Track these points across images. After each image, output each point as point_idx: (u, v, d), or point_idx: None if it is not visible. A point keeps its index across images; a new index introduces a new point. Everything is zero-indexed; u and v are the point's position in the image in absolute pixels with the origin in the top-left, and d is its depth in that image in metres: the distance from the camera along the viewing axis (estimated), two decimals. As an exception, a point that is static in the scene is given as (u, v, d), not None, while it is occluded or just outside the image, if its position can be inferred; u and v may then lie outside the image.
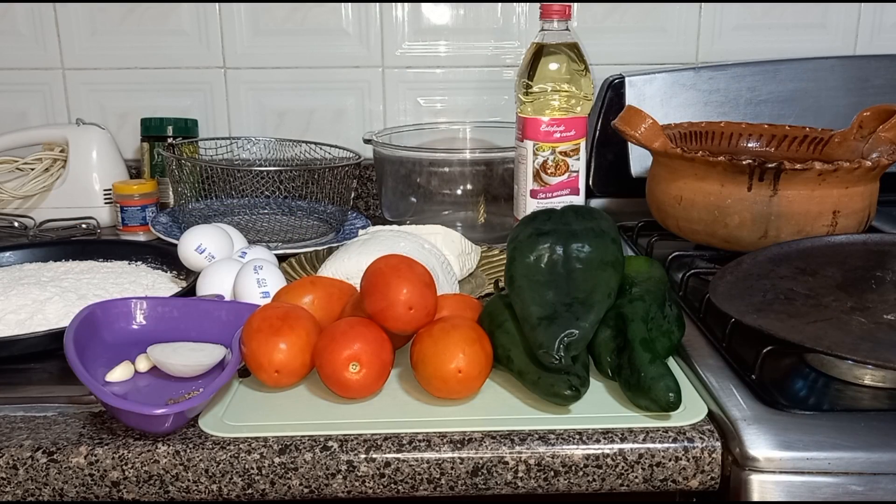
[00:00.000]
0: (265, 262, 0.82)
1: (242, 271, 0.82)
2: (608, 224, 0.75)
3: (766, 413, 0.63)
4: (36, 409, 0.68)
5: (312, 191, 1.10)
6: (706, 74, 1.16)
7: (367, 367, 0.66)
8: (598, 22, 1.23)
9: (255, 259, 0.83)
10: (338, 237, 1.11)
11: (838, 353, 0.65)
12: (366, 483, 0.62)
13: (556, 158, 0.97)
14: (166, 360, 0.70)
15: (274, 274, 0.82)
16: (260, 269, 0.81)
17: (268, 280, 0.81)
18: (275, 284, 0.81)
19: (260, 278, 0.81)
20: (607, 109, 1.16)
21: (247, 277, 0.81)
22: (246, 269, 0.82)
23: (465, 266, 0.95)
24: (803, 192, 0.86)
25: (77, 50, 1.23)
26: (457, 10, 1.23)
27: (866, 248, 0.84)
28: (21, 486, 0.62)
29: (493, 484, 0.62)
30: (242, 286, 0.81)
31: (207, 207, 1.12)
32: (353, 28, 1.23)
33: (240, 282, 0.82)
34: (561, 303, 0.68)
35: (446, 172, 1.11)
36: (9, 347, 0.74)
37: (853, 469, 0.59)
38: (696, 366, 0.72)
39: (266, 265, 0.82)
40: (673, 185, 0.92)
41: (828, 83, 1.17)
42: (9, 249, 0.99)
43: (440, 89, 1.26)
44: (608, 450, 0.62)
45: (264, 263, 0.82)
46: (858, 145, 0.95)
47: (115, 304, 0.76)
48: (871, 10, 1.24)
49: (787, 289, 0.77)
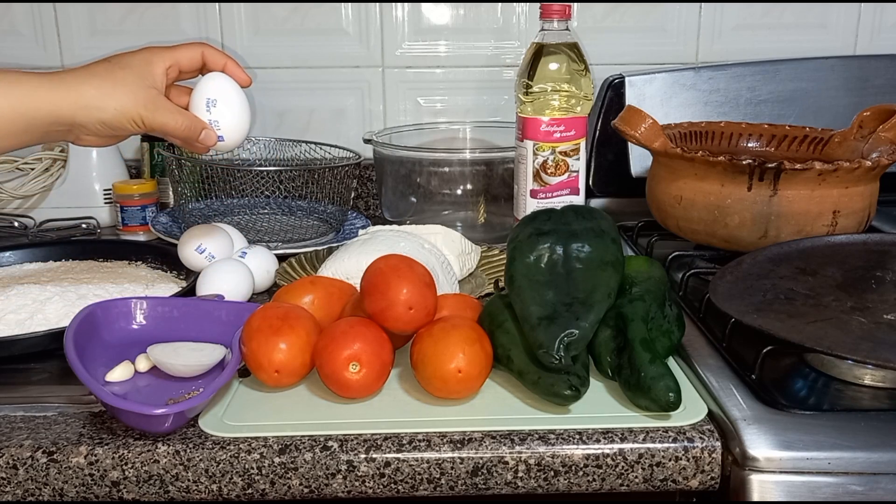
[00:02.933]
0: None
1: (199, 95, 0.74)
2: (608, 224, 0.75)
3: (766, 413, 0.63)
4: (36, 409, 0.68)
5: (312, 191, 1.10)
6: (706, 74, 1.16)
7: (367, 367, 0.66)
8: (598, 22, 1.23)
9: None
10: (338, 237, 1.11)
11: (838, 353, 0.65)
12: (366, 483, 0.62)
13: (556, 158, 0.97)
14: (166, 360, 0.70)
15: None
16: (213, 106, 0.74)
17: (221, 122, 0.74)
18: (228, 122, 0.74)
19: (212, 119, 0.74)
20: (607, 109, 1.16)
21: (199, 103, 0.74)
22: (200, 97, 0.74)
23: (465, 266, 0.95)
24: (803, 192, 0.86)
25: (77, 50, 1.23)
26: (457, 10, 1.23)
27: (866, 248, 0.84)
28: (21, 486, 0.62)
29: (493, 484, 0.62)
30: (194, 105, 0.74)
31: (207, 207, 1.12)
32: (353, 28, 1.23)
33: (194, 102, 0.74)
34: (561, 303, 0.68)
35: (446, 172, 1.11)
36: (9, 347, 0.74)
37: (853, 469, 0.59)
38: (696, 366, 0.72)
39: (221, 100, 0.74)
40: (673, 185, 0.92)
41: (828, 83, 1.17)
42: (9, 249, 0.99)
43: (440, 89, 1.26)
44: (608, 450, 0.62)
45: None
46: (858, 145, 0.95)
47: (115, 304, 0.76)
48: (871, 10, 1.24)
49: (787, 289, 0.77)
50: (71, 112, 0.65)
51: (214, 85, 0.74)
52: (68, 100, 0.65)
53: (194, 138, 0.70)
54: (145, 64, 0.68)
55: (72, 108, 0.65)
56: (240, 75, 0.74)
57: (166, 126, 0.68)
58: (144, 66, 0.68)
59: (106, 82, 0.66)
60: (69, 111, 0.65)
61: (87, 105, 0.65)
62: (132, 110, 0.66)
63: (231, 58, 0.75)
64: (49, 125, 0.65)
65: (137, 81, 0.67)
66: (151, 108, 0.67)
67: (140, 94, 0.67)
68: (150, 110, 0.67)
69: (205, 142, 0.71)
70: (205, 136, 0.70)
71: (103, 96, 0.66)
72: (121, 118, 0.66)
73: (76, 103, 0.65)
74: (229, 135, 0.74)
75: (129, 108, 0.66)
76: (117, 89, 0.66)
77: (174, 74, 0.71)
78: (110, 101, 0.66)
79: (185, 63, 0.71)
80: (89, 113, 0.65)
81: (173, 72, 0.70)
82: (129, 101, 0.66)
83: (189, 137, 0.70)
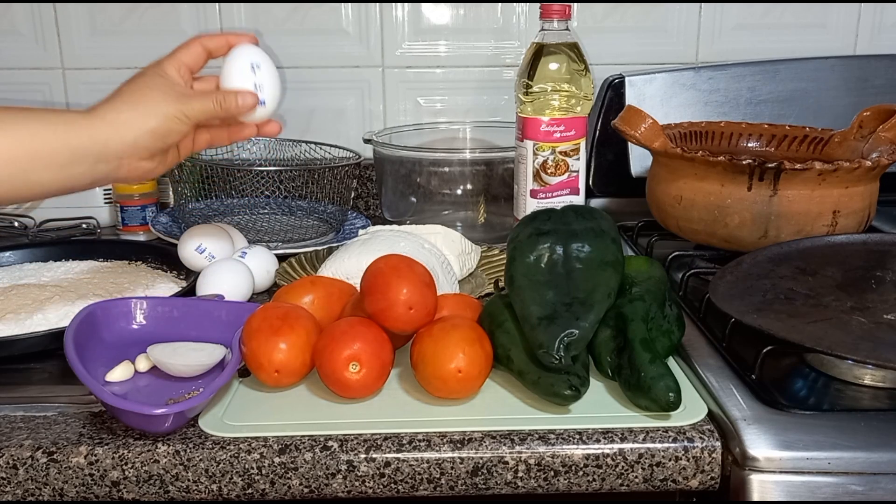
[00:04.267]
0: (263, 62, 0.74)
1: (236, 60, 0.74)
2: (608, 224, 0.75)
3: (766, 413, 0.63)
4: (36, 409, 0.68)
5: (312, 191, 1.10)
6: (706, 74, 1.16)
7: (367, 367, 0.66)
8: (598, 22, 1.23)
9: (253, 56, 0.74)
10: (338, 237, 1.11)
11: (838, 353, 0.66)
12: (366, 483, 0.62)
13: (556, 158, 0.97)
14: (166, 360, 0.70)
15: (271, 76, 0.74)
16: (258, 69, 0.73)
17: (264, 86, 0.73)
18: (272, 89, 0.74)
19: (257, 82, 0.73)
20: (607, 109, 1.16)
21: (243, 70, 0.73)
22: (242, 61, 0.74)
23: (465, 266, 0.95)
24: (803, 192, 0.86)
25: (77, 50, 1.23)
26: (457, 10, 1.23)
27: (866, 248, 0.84)
28: (21, 486, 0.62)
29: (493, 484, 0.62)
30: (233, 74, 0.74)
31: (207, 207, 1.12)
32: (353, 28, 1.23)
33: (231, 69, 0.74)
34: (561, 303, 0.68)
35: (446, 172, 1.11)
36: (9, 347, 0.74)
37: (853, 469, 0.59)
38: (696, 366, 0.72)
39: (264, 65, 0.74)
40: (673, 185, 0.92)
41: (828, 83, 1.17)
42: (9, 249, 0.99)
43: (440, 89, 1.26)
44: (608, 450, 0.62)
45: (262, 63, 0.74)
46: (858, 145, 0.95)
47: (115, 304, 0.76)
48: (871, 10, 1.24)
49: (787, 289, 0.77)
50: (117, 135, 0.66)
51: (249, 52, 0.74)
52: (108, 126, 0.66)
53: (233, 105, 0.71)
54: (159, 70, 0.70)
55: (116, 130, 0.66)
56: (246, 36, 0.75)
57: (205, 108, 0.70)
58: (159, 72, 0.70)
59: (134, 98, 0.67)
60: (115, 135, 0.65)
61: (128, 121, 0.66)
62: (171, 108, 0.68)
63: (227, 32, 0.76)
64: (97, 156, 0.65)
65: (161, 85, 0.69)
66: (184, 99, 0.69)
67: (169, 93, 0.68)
68: (184, 102, 0.68)
69: (243, 104, 0.72)
70: (241, 99, 0.71)
71: (140, 108, 0.67)
72: (165, 120, 0.67)
73: (116, 124, 0.66)
74: (270, 100, 0.74)
75: (167, 108, 0.68)
76: (148, 98, 0.67)
77: (186, 74, 0.72)
78: (149, 110, 0.67)
79: (189, 59, 0.72)
80: (134, 127, 0.66)
81: (184, 71, 0.72)
82: (164, 103, 0.68)
83: (228, 107, 0.71)
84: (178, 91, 0.69)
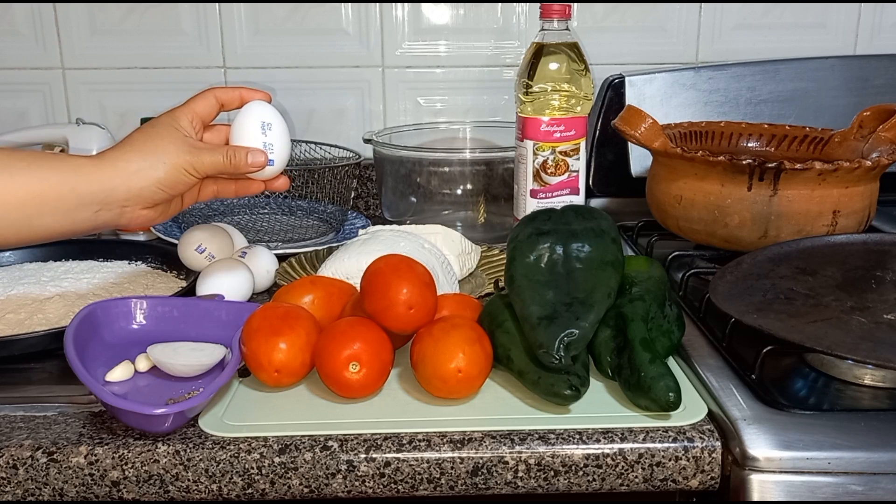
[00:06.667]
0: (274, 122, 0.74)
1: (247, 117, 0.73)
2: (608, 224, 0.75)
3: (766, 413, 0.63)
4: (36, 408, 0.68)
5: (312, 190, 1.10)
6: (706, 74, 1.16)
7: (367, 366, 0.66)
8: (598, 22, 1.23)
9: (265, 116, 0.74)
10: (338, 237, 1.11)
11: (838, 353, 0.66)
12: (366, 483, 0.62)
13: (556, 158, 0.97)
14: (166, 360, 0.70)
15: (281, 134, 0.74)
16: (269, 129, 0.73)
17: (275, 146, 0.73)
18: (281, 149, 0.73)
19: (267, 142, 0.73)
20: (607, 109, 1.16)
21: (253, 127, 0.73)
22: (252, 119, 0.73)
23: (465, 266, 0.95)
24: (803, 192, 0.86)
25: (77, 50, 1.23)
26: (457, 9, 1.23)
27: (866, 247, 0.84)
28: (21, 486, 0.62)
29: (493, 484, 0.62)
30: (244, 131, 0.73)
31: (207, 207, 1.12)
32: (353, 28, 1.23)
33: (242, 126, 0.73)
34: (561, 302, 0.68)
35: (446, 172, 1.11)
36: (9, 347, 0.74)
37: (853, 469, 0.59)
38: (696, 366, 0.72)
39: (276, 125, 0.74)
40: (673, 185, 0.92)
41: (828, 83, 1.17)
42: (9, 249, 0.99)
43: (440, 89, 1.26)
44: (608, 450, 0.62)
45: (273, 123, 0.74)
46: (858, 145, 0.95)
47: (115, 303, 0.76)
48: (871, 10, 1.24)
49: (787, 289, 0.77)
50: (125, 184, 0.66)
51: (263, 110, 0.74)
52: (117, 174, 0.66)
53: (242, 163, 0.71)
54: (172, 120, 0.70)
55: (124, 179, 0.66)
56: (260, 94, 0.76)
57: (215, 162, 0.70)
58: (172, 123, 0.70)
59: (146, 146, 0.68)
60: (123, 184, 0.66)
61: (137, 171, 0.66)
62: (179, 160, 0.68)
63: (241, 87, 0.76)
64: (101, 203, 0.65)
65: (173, 135, 0.69)
66: (195, 152, 0.69)
67: (180, 144, 0.69)
68: (193, 154, 0.68)
69: (253, 163, 0.71)
70: (251, 157, 0.71)
71: (150, 159, 0.67)
72: (173, 171, 0.68)
73: (126, 172, 0.66)
74: (279, 160, 0.74)
75: (176, 159, 0.68)
76: (159, 148, 0.68)
77: (198, 125, 0.72)
78: (158, 160, 0.67)
79: (202, 110, 0.73)
80: (143, 176, 0.66)
81: (196, 122, 0.72)
82: (174, 153, 0.68)
83: (238, 164, 0.71)
84: (190, 143, 0.69)
